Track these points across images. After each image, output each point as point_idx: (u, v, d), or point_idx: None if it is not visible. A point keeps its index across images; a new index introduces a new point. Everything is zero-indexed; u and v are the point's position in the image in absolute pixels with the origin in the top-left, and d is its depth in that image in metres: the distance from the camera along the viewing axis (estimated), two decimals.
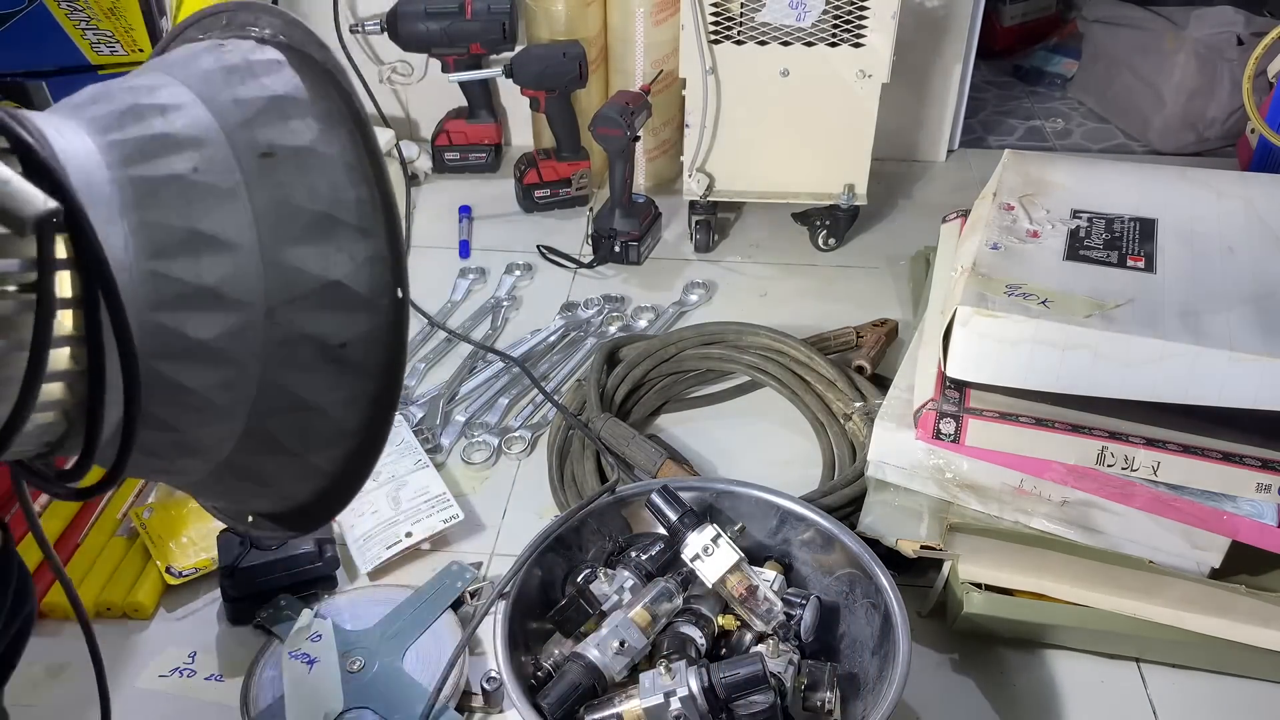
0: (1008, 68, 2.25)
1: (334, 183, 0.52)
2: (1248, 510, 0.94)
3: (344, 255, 0.51)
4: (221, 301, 0.49)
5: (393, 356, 0.54)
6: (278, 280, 0.50)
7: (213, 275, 0.48)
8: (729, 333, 1.34)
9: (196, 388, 0.49)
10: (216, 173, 0.49)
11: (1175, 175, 1.23)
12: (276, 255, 0.50)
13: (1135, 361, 0.93)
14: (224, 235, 0.49)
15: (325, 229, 0.51)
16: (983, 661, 1.01)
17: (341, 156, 0.52)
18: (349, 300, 0.52)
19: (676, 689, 0.83)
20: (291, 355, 0.51)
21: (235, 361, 0.50)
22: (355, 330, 0.52)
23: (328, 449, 0.55)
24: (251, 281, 0.49)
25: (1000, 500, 1.00)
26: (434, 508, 1.13)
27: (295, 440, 0.54)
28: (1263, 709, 0.97)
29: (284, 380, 0.51)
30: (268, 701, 0.93)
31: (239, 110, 0.51)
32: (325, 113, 0.53)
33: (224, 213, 0.49)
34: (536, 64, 1.59)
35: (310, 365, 0.52)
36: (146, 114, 0.50)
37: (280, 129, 0.51)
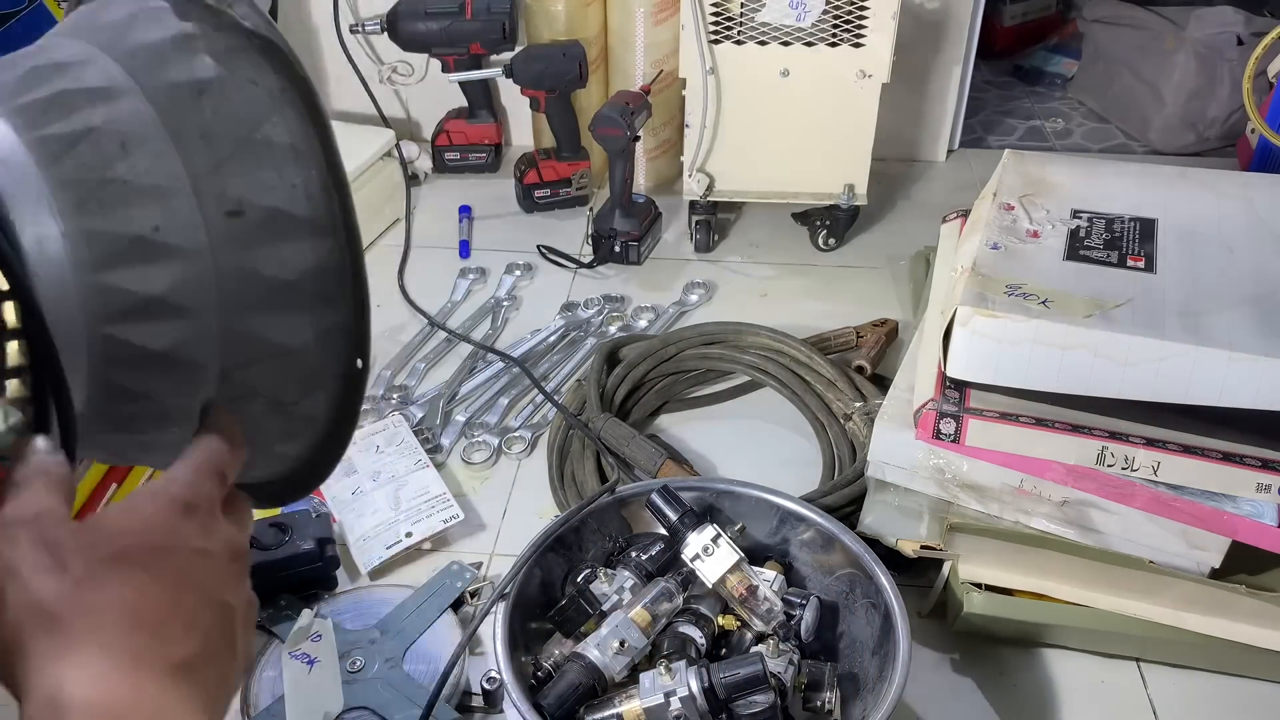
0: (1008, 68, 2.25)
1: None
2: (1248, 510, 0.94)
3: (282, 181, 0.49)
4: (165, 250, 0.46)
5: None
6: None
7: (146, 224, 0.46)
8: (729, 333, 1.34)
9: (157, 347, 0.47)
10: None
11: (1175, 175, 1.23)
12: (213, 186, 0.47)
13: (1135, 361, 0.93)
14: (152, 181, 0.46)
15: (259, 156, 0.49)
16: (983, 661, 1.01)
17: (262, 84, 0.50)
18: (295, 227, 0.49)
19: (676, 689, 0.83)
20: (249, 296, 0.49)
21: (191, 311, 0.48)
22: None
23: (309, 394, 0.54)
24: (191, 226, 0.47)
25: (1000, 500, 1.00)
26: (434, 508, 1.13)
27: (274, 387, 0.52)
28: (1263, 709, 0.97)
29: (246, 326, 0.49)
30: (268, 702, 0.93)
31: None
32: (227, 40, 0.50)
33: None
34: (536, 64, 1.59)
35: (270, 305, 0.50)
36: (47, 74, 0.47)
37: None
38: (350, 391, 0.54)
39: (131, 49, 0.49)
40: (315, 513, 1.07)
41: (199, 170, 0.47)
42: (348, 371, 0.53)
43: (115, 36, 0.49)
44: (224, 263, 0.47)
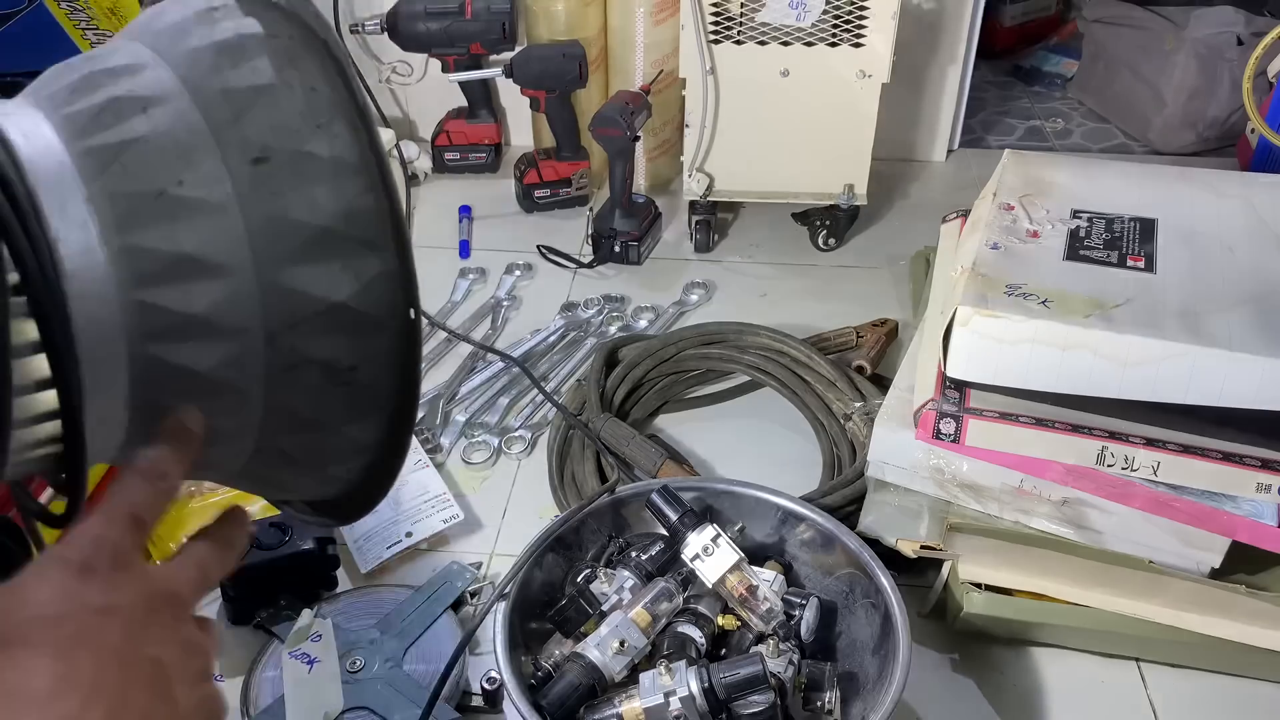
0: (1008, 68, 2.25)
1: (335, 190, 0.47)
2: (1247, 510, 0.94)
3: (350, 273, 0.47)
4: (215, 330, 0.45)
5: (406, 376, 0.50)
6: (277, 304, 0.46)
7: (204, 301, 0.44)
8: (729, 333, 1.34)
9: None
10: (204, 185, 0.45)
11: (1175, 175, 1.23)
12: (275, 278, 0.46)
13: (1135, 361, 0.93)
14: (214, 258, 0.45)
15: (327, 245, 0.47)
16: (983, 661, 1.01)
17: (349, 158, 0.48)
18: (356, 323, 0.48)
19: (676, 689, 0.83)
20: (297, 380, 0.47)
21: (237, 389, 0.46)
22: (364, 353, 0.49)
23: (345, 463, 0.53)
24: (248, 306, 0.45)
25: (1000, 500, 1.00)
26: (434, 508, 1.13)
27: (309, 456, 0.51)
28: (1263, 709, 0.97)
29: (291, 405, 0.48)
30: (268, 701, 0.93)
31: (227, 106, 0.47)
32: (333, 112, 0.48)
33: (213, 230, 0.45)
34: (536, 64, 1.59)
35: (318, 389, 0.48)
36: (99, 80, 0.46)
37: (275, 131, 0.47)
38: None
39: (188, 52, 0.47)
40: None
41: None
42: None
43: (173, 39, 0.48)
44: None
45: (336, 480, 0.54)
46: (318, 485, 0.55)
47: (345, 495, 0.55)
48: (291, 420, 0.49)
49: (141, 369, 0.44)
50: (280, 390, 0.47)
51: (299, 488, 0.55)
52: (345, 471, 0.53)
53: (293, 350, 0.46)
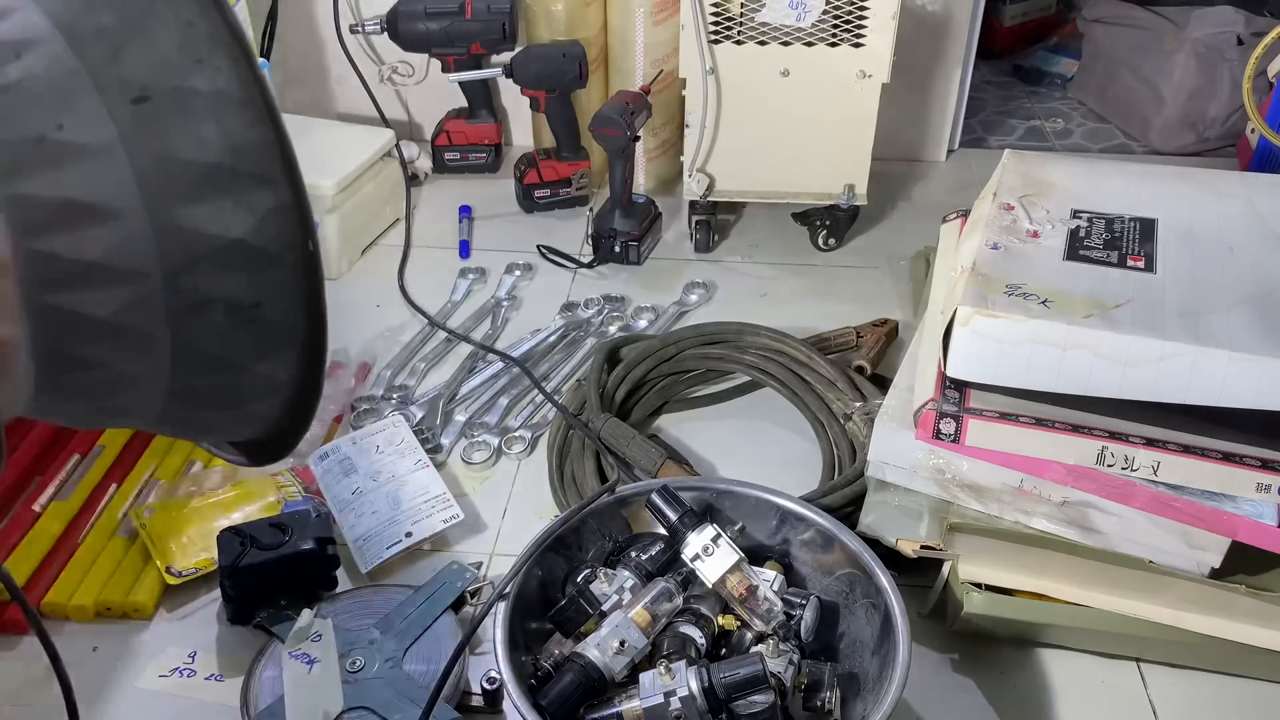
0: (1008, 68, 2.25)
1: (223, 125, 0.46)
2: (1248, 510, 0.94)
3: (243, 207, 0.46)
4: (113, 274, 0.44)
5: (312, 309, 0.50)
6: (174, 244, 0.45)
7: (98, 247, 0.43)
8: (729, 333, 1.34)
9: (108, 360, 0.45)
10: (85, 128, 0.44)
11: (1175, 175, 1.23)
12: (169, 217, 0.45)
13: (1135, 361, 0.93)
14: (102, 200, 0.43)
15: (220, 181, 0.46)
16: (983, 661, 1.01)
17: (233, 92, 0.46)
18: (254, 258, 0.47)
19: (676, 689, 0.83)
20: (202, 320, 0.47)
21: (143, 333, 0.46)
22: (266, 288, 0.48)
23: (261, 400, 0.52)
24: (144, 248, 0.44)
25: (1000, 500, 1.00)
26: (434, 508, 1.13)
27: (224, 396, 0.50)
28: (1263, 709, 0.97)
29: (200, 345, 0.47)
30: (268, 701, 0.93)
31: (104, 42, 0.45)
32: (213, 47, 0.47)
33: (98, 173, 0.44)
34: (536, 64, 1.59)
35: (224, 328, 0.48)
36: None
37: (154, 67, 0.46)
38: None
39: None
40: (315, 513, 1.07)
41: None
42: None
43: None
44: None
45: (256, 418, 0.53)
46: (238, 425, 0.54)
47: (267, 434, 0.55)
48: (202, 361, 0.48)
49: (40, 319, 0.43)
50: (186, 332, 0.47)
51: (220, 428, 0.55)
52: (264, 409, 0.53)
53: (194, 290, 0.46)
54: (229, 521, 1.08)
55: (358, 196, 1.57)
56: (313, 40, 1.79)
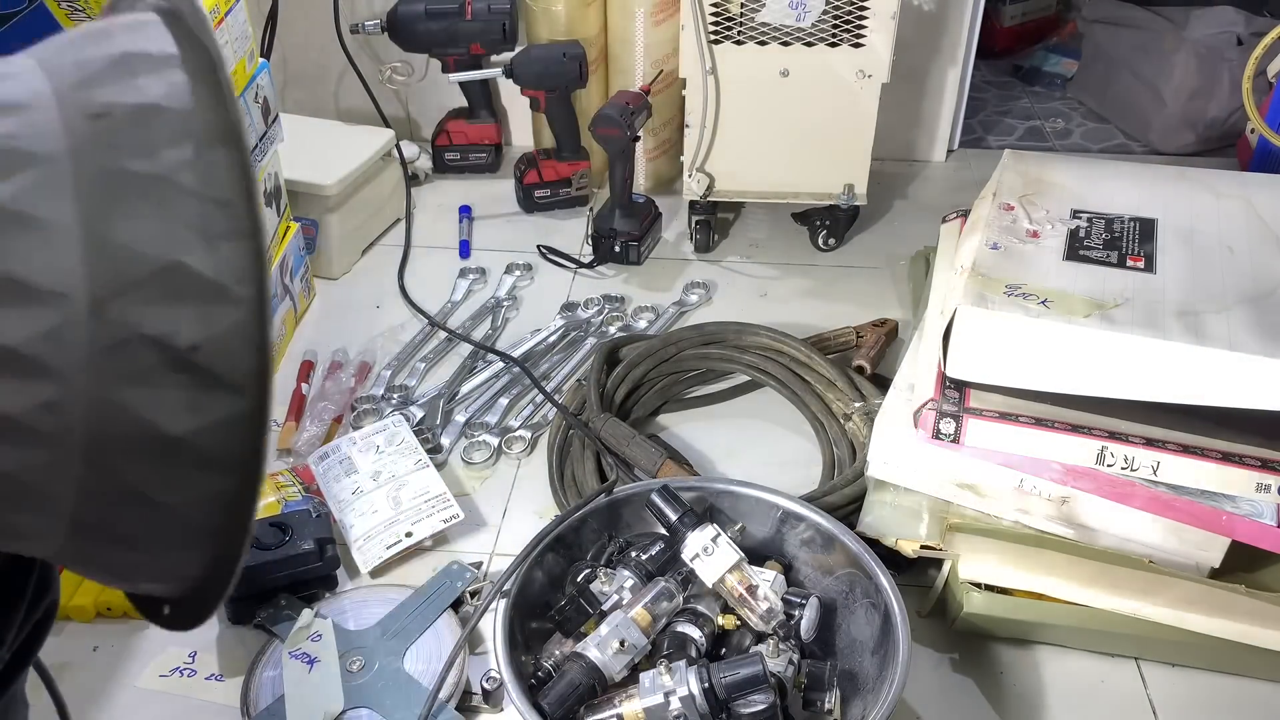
0: (1008, 68, 2.25)
1: (179, 144, 0.42)
2: (1247, 510, 0.94)
3: (192, 230, 0.41)
4: (31, 293, 0.39)
5: (259, 362, 0.42)
6: (105, 265, 0.40)
7: (18, 260, 0.38)
8: (729, 333, 1.34)
9: (10, 411, 0.39)
10: (35, 138, 0.40)
11: (1175, 175, 1.23)
12: (104, 232, 0.40)
13: (1135, 361, 0.93)
14: (33, 210, 0.39)
15: (165, 198, 0.41)
16: (982, 661, 1.01)
17: (196, 111, 0.42)
18: (198, 288, 0.41)
19: (676, 689, 0.83)
20: (129, 363, 0.40)
21: (56, 373, 0.39)
22: (209, 329, 0.41)
23: (195, 491, 0.44)
24: (70, 265, 0.39)
25: (1000, 500, 1.00)
26: (434, 508, 1.13)
27: (151, 481, 0.43)
28: (1262, 709, 0.97)
29: (122, 397, 0.40)
30: (268, 701, 0.93)
31: (78, 71, 0.42)
32: (180, 67, 0.43)
33: (35, 182, 0.39)
34: (536, 64, 1.59)
35: (153, 376, 0.41)
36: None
37: (122, 86, 0.42)
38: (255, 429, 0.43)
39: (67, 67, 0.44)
40: (315, 513, 1.07)
41: (92, 216, 0.40)
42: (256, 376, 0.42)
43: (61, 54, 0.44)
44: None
45: (189, 527, 0.45)
46: (167, 538, 0.46)
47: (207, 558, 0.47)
48: (123, 422, 0.41)
49: None
50: (108, 379, 0.40)
51: (147, 544, 0.46)
52: (198, 511, 0.45)
53: (123, 321, 0.40)
54: None
55: (358, 196, 1.57)
56: (313, 40, 1.79)
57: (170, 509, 0.44)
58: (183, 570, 0.47)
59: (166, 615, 0.52)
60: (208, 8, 1.15)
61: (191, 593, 0.49)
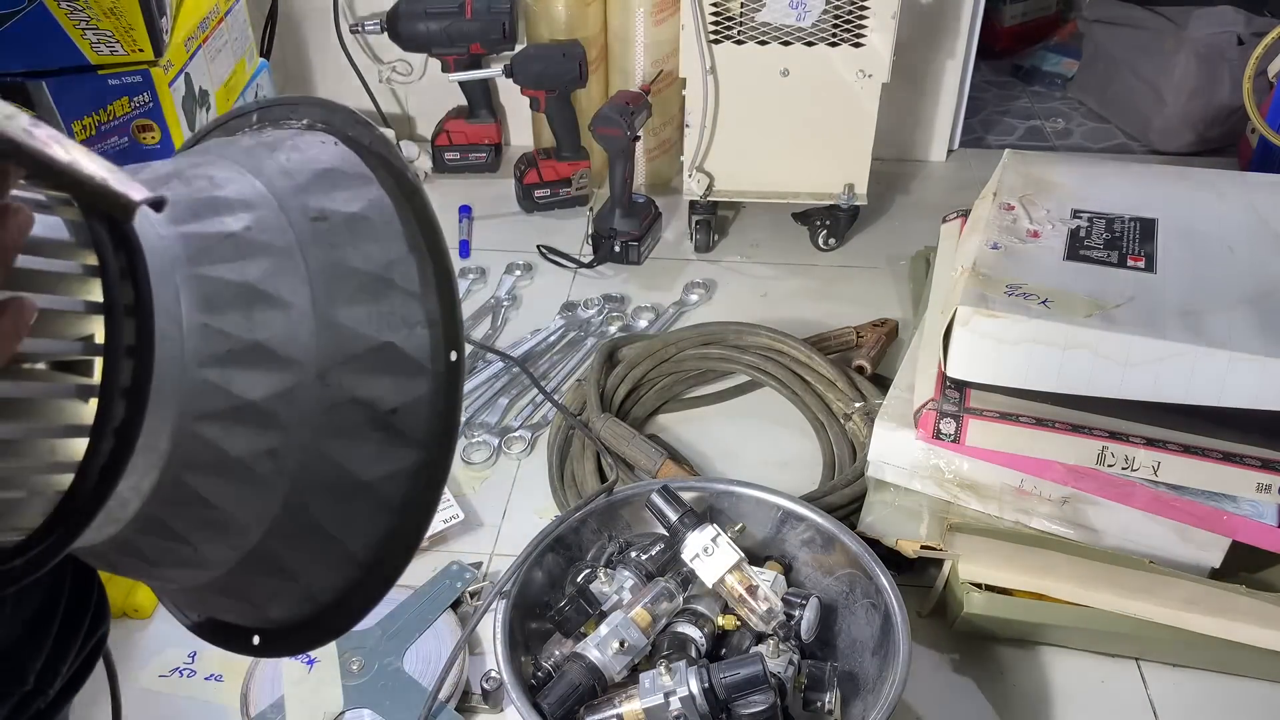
0: (1008, 68, 2.25)
1: (386, 247, 0.50)
2: (1248, 510, 0.94)
3: (397, 317, 0.49)
4: (273, 359, 0.45)
5: (445, 425, 0.51)
6: (330, 340, 0.47)
7: (265, 331, 0.45)
8: (729, 333, 1.34)
9: (240, 454, 0.45)
10: (269, 231, 0.47)
11: (1175, 175, 1.23)
12: (330, 314, 0.47)
13: (1135, 361, 0.93)
14: (276, 291, 0.46)
15: (378, 291, 0.49)
16: (983, 661, 1.01)
17: (395, 224, 0.50)
18: (401, 363, 0.49)
19: (676, 689, 0.83)
20: (340, 421, 0.48)
21: (282, 426, 0.46)
22: (407, 395, 0.49)
23: (366, 527, 0.51)
24: (304, 339, 0.46)
25: (1000, 500, 1.00)
26: None
27: (333, 518, 0.50)
28: (1263, 709, 0.97)
29: (329, 449, 0.48)
30: (268, 701, 0.93)
31: (288, 179, 0.49)
32: (375, 186, 0.51)
33: (275, 268, 0.46)
34: (536, 64, 1.59)
35: (358, 432, 0.48)
36: (193, 179, 0.48)
37: (330, 197, 0.50)
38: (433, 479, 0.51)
39: (275, 174, 0.50)
40: None
41: (320, 300, 0.47)
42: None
43: (260, 161, 0.50)
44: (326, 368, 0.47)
45: (349, 561, 0.51)
46: (327, 567, 0.52)
47: (348, 587, 0.53)
48: (326, 469, 0.48)
49: (193, 392, 0.44)
50: (323, 433, 0.47)
51: (305, 573, 0.52)
52: (363, 544, 0.51)
53: (341, 387, 0.48)
54: None
55: None
56: (313, 40, 1.79)
57: (340, 542, 0.50)
58: (317, 595, 0.52)
59: (256, 645, 0.55)
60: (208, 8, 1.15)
61: (309, 618, 0.53)
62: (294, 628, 0.55)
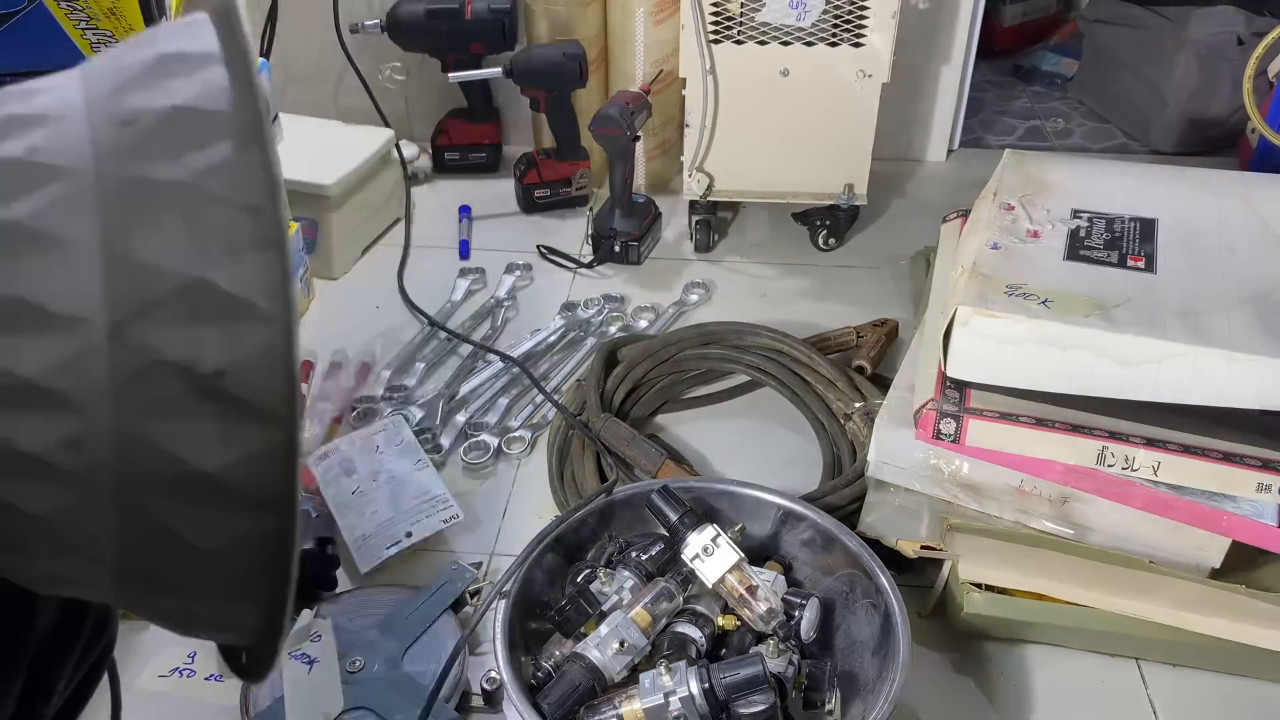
0: (1008, 68, 2.25)
1: (208, 147, 0.39)
2: (1248, 510, 0.94)
3: (218, 243, 0.38)
4: (45, 319, 0.36)
5: (289, 384, 0.39)
6: (125, 285, 0.37)
7: (32, 282, 0.36)
8: (729, 333, 1.34)
9: (33, 448, 0.37)
10: (62, 151, 0.38)
11: (1175, 175, 1.23)
12: (123, 249, 0.37)
13: (1135, 361, 0.93)
14: (52, 228, 0.37)
15: (191, 208, 0.38)
16: (983, 661, 1.01)
17: (230, 111, 0.39)
18: (225, 306, 0.38)
19: (676, 689, 0.83)
20: (151, 393, 0.38)
21: (75, 406, 0.37)
22: (236, 350, 0.38)
23: (232, 531, 0.41)
24: (88, 287, 0.37)
25: (1000, 500, 1.00)
26: (434, 508, 1.13)
27: (183, 520, 0.40)
28: (1263, 709, 0.97)
29: (147, 431, 0.38)
30: (268, 701, 0.93)
31: (115, 77, 0.40)
32: (220, 64, 0.40)
33: (56, 198, 0.37)
34: (536, 64, 1.59)
35: (179, 406, 0.38)
36: (8, 98, 0.40)
37: (154, 91, 0.40)
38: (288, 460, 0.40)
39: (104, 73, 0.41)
40: (315, 513, 1.07)
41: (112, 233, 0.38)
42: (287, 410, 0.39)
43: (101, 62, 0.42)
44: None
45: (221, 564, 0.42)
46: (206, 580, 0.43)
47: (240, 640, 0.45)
48: (151, 458, 0.38)
49: None
50: (132, 413, 0.38)
51: (187, 589, 0.43)
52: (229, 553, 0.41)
53: (144, 346, 0.38)
54: None
55: (358, 196, 1.57)
56: (313, 40, 1.79)
57: (211, 554, 0.41)
58: (240, 621, 0.44)
59: (243, 664, 0.50)
60: None
61: (259, 642, 0.46)
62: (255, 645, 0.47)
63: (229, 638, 0.49)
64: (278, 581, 0.42)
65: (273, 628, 0.44)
